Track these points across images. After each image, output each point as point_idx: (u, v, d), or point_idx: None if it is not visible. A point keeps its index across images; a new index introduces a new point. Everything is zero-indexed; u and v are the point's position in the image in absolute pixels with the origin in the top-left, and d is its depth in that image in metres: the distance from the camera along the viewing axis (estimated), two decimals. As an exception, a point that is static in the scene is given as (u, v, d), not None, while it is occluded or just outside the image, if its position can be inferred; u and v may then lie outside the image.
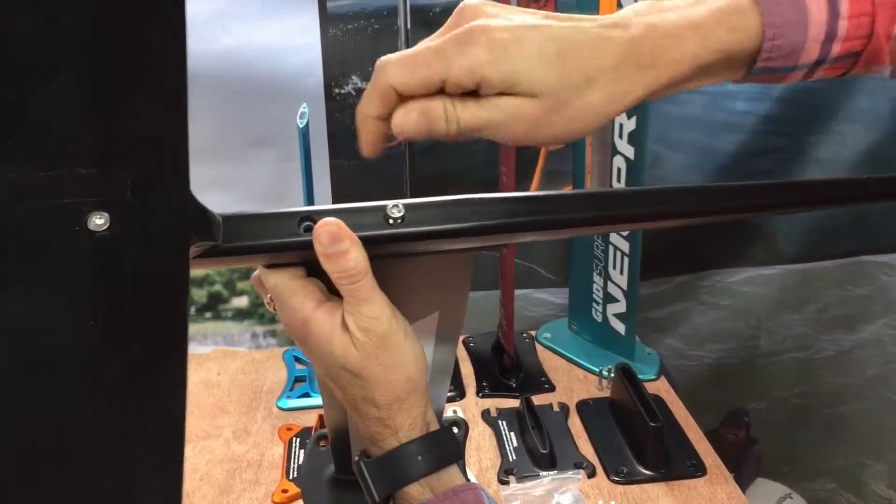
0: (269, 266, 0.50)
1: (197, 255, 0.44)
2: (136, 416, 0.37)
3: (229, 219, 0.46)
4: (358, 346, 0.48)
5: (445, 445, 0.52)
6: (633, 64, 0.44)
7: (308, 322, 0.49)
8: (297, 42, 1.25)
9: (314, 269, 0.49)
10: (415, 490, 0.50)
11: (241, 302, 1.38)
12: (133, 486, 0.37)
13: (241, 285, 1.37)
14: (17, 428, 0.36)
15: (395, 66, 0.44)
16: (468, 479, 0.54)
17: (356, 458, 0.53)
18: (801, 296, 1.52)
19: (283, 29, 1.25)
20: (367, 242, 0.47)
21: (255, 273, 0.52)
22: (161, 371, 0.38)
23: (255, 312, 1.39)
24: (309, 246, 0.47)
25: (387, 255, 0.50)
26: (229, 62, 1.23)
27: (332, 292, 0.50)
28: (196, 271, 1.17)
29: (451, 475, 0.51)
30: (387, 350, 0.49)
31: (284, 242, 0.47)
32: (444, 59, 0.43)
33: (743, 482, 1.61)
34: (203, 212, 0.44)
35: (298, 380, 1.25)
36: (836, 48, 0.45)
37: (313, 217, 0.47)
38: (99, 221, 0.37)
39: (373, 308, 0.48)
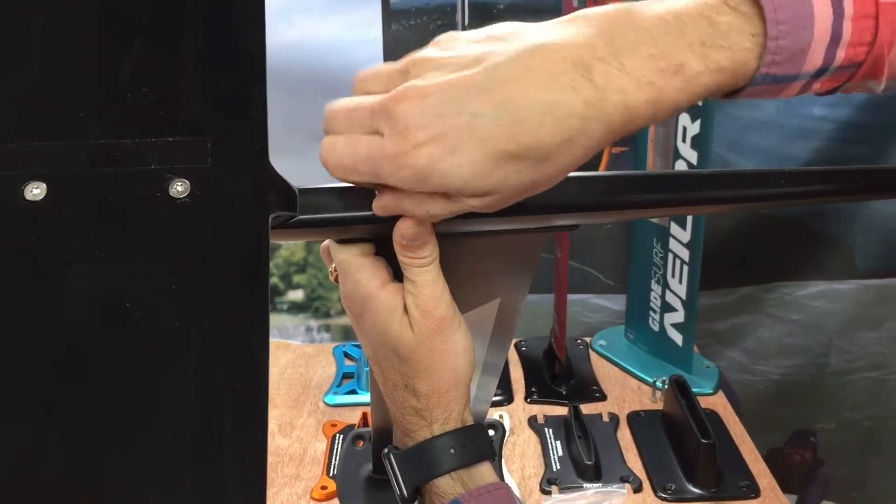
0: (341, 241, 0.51)
1: (274, 225, 0.45)
2: (220, 380, 0.38)
3: (306, 192, 0.47)
4: (415, 329, 0.48)
5: (479, 441, 0.51)
6: (596, 128, 0.39)
7: (370, 299, 0.49)
8: (359, 37, 1.25)
9: (382, 248, 0.50)
10: (445, 484, 0.49)
11: (297, 295, 1.39)
12: (219, 448, 0.38)
13: (297, 278, 1.38)
14: (105, 390, 0.37)
15: (338, 168, 0.44)
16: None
17: (385, 451, 0.52)
18: (877, 313, 1.44)
19: (346, 24, 1.24)
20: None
21: (324, 243, 0.53)
22: (244, 337, 0.39)
23: (311, 306, 1.39)
24: (383, 220, 0.47)
25: (460, 232, 0.50)
26: (292, 56, 1.24)
27: (397, 273, 0.50)
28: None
29: (482, 472, 0.50)
30: (440, 335, 0.49)
31: (359, 216, 0.48)
32: (379, 178, 0.43)
33: (807, 505, 1.54)
34: (281, 182, 0.45)
35: (346, 376, 1.25)
36: (841, 55, 0.40)
37: None
38: (180, 188, 0.39)
39: (434, 290, 0.48)
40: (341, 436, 1.09)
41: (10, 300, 0.37)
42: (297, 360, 1.31)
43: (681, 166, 1.11)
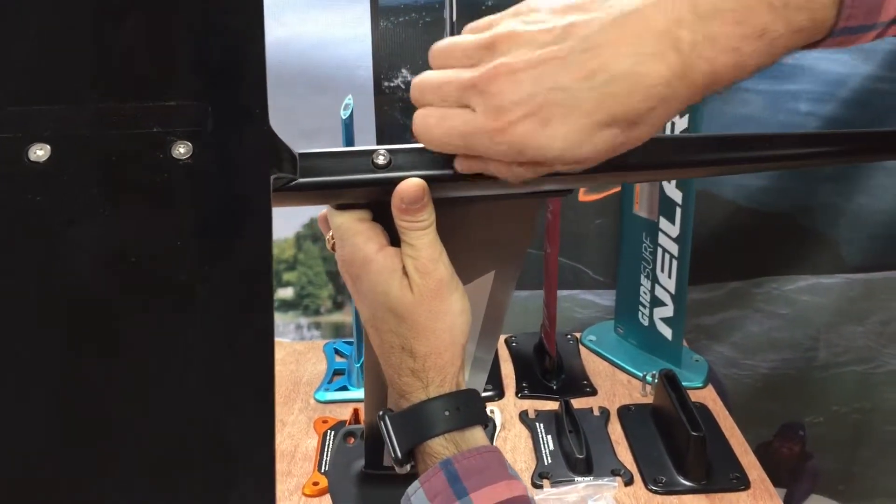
0: (339, 207, 0.52)
1: (276, 187, 0.46)
2: (224, 333, 0.39)
3: (305, 155, 0.48)
4: (414, 290, 0.50)
5: (473, 405, 0.52)
6: (682, 92, 0.41)
7: (368, 262, 0.50)
8: (348, 34, 1.25)
9: (379, 215, 0.51)
10: (438, 445, 0.50)
11: (287, 293, 1.38)
12: (226, 407, 0.38)
13: (286, 276, 1.37)
14: (112, 346, 0.38)
15: (431, 141, 0.46)
16: None
17: (380, 413, 0.53)
18: (864, 307, 1.45)
19: (335, 20, 1.24)
20: (436, 180, 0.49)
21: (322, 212, 0.54)
22: (248, 296, 0.39)
23: (300, 304, 1.39)
24: (381, 183, 0.49)
25: (453, 197, 0.51)
26: (281, 53, 1.24)
27: (393, 240, 0.51)
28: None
29: (475, 436, 0.51)
30: (439, 296, 0.50)
31: (357, 179, 0.49)
32: (473, 150, 0.45)
33: (796, 499, 1.55)
34: (281, 145, 0.46)
35: (337, 372, 1.25)
36: None
37: (388, 155, 0.50)
38: (182, 150, 0.40)
39: (433, 252, 0.50)
40: (332, 432, 1.09)
41: (15, 260, 0.38)
42: (287, 358, 1.31)
43: (669, 161, 1.11)
